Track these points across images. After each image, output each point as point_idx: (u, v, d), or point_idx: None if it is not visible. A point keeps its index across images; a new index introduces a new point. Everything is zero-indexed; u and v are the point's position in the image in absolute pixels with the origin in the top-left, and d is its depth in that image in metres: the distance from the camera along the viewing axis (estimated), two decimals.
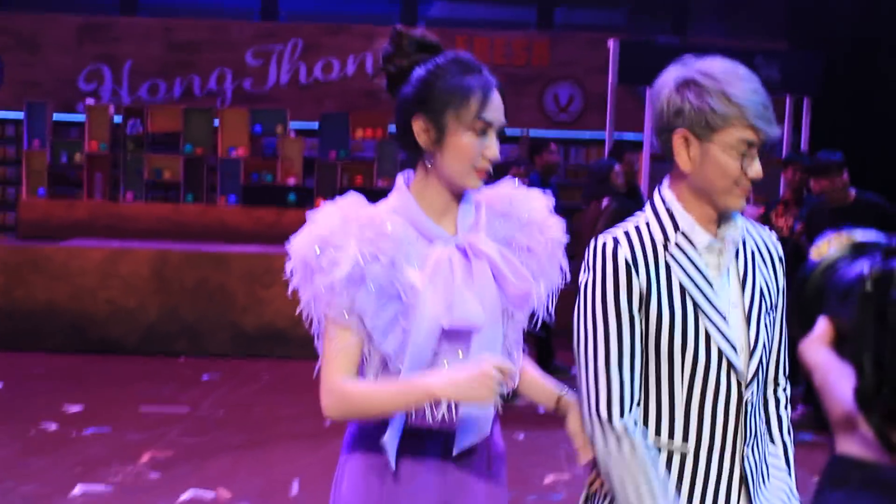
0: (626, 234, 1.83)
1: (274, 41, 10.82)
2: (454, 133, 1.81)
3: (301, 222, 1.91)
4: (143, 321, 7.64)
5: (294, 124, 10.09)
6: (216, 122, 10.35)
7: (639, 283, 1.80)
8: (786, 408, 2.01)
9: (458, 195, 1.87)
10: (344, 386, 1.81)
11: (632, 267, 1.81)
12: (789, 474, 1.97)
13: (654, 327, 1.82)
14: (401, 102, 1.85)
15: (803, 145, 8.82)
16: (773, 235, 1.95)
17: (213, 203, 10.28)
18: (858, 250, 1.69)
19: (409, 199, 1.86)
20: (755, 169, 1.75)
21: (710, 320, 1.80)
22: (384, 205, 1.88)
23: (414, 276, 1.83)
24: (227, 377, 7.12)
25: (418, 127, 1.81)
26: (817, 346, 1.64)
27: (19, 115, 10.34)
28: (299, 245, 1.81)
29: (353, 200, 1.85)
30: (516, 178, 2.11)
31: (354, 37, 10.30)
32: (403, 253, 1.84)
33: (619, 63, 8.43)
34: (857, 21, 9.91)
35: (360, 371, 1.87)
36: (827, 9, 9.88)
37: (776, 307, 1.91)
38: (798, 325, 1.79)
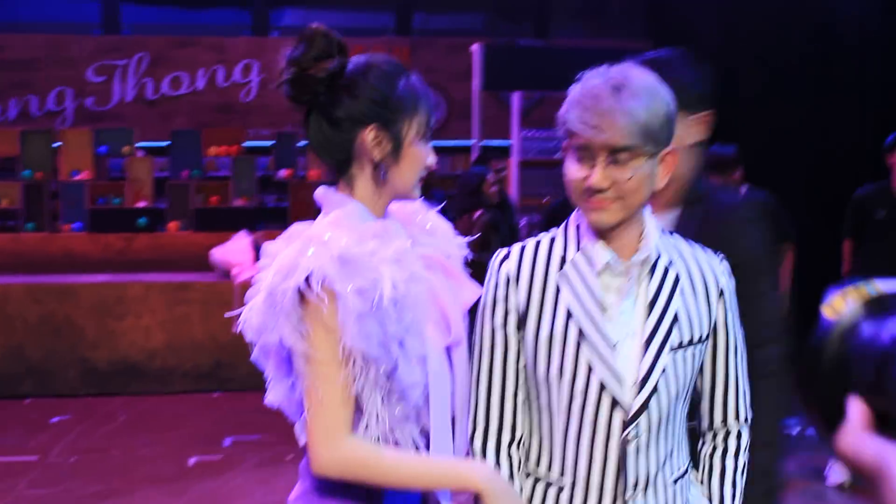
0: (523, 247, 1.81)
1: (117, 56, 10.61)
2: (411, 143, 1.76)
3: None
4: None
5: (142, 143, 9.86)
6: (56, 144, 10.04)
7: (516, 300, 1.77)
8: (735, 458, 1.88)
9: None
10: (357, 447, 1.66)
11: (511, 283, 1.78)
12: None
13: (531, 350, 1.78)
14: (339, 113, 1.72)
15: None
16: (725, 264, 1.84)
17: (57, 231, 9.88)
18: (883, 305, 1.41)
19: (360, 208, 1.74)
20: (591, 178, 1.67)
21: (594, 348, 1.73)
22: (345, 216, 1.73)
23: (422, 291, 1.73)
24: (79, 419, 6.93)
25: (370, 139, 1.70)
26: (859, 434, 1.34)
27: None
28: (318, 264, 1.59)
29: (352, 209, 1.71)
30: None
31: (204, 49, 10.13)
32: (412, 269, 1.74)
33: (483, 68, 8.37)
34: (721, 18, 10.14)
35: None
36: (689, 7, 10.13)
37: (702, 341, 1.80)
38: (816, 408, 1.48)
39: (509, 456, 1.82)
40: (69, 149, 9.92)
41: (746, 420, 1.88)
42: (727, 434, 1.89)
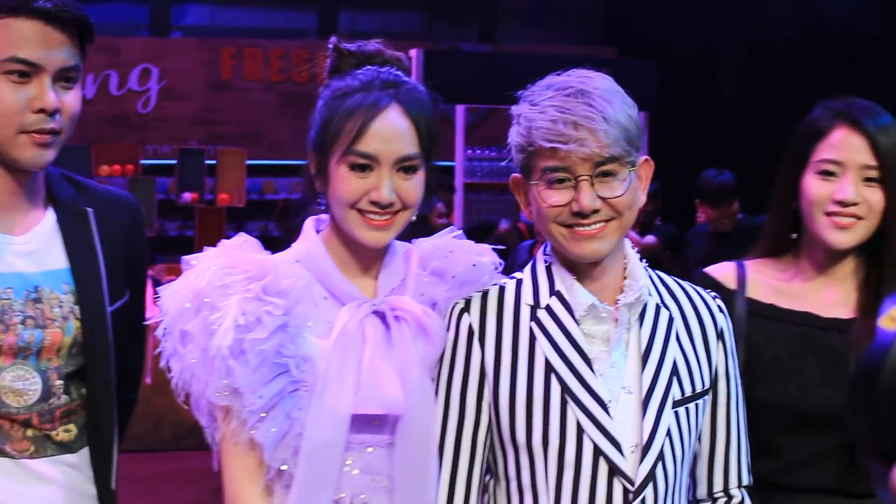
0: (485, 294, 1.71)
1: None
2: (329, 168, 1.72)
3: None
4: None
5: None
6: None
7: (481, 357, 1.68)
8: None
9: (377, 250, 1.75)
10: None
11: (475, 336, 1.70)
12: None
13: (507, 416, 1.67)
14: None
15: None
16: (717, 300, 1.79)
17: None
18: None
19: (319, 248, 1.71)
20: (578, 202, 1.64)
21: (582, 408, 1.63)
22: (286, 253, 1.75)
23: (314, 346, 1.69)
24: None
25: (311, 164, 1.77)
26: None
27: None
28: (169, 302, 1.65)
29: (241, 244, 1.71)
30: None
31: (94, 51, 8.81)
32: (303, 315, 1.69)
33: (423, 75, 7.60)
34: (686, 27, 10.00)
35: None
36: (650, 13, 9.89)
37: (705, 393, 1.74)
38: (869, 434, 1.54)
39: None
40: None
41: (750, 485, 1.83)
42: (731, 500, 1.82)
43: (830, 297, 1.98)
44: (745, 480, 1.78)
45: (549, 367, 1.62)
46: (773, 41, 9.50)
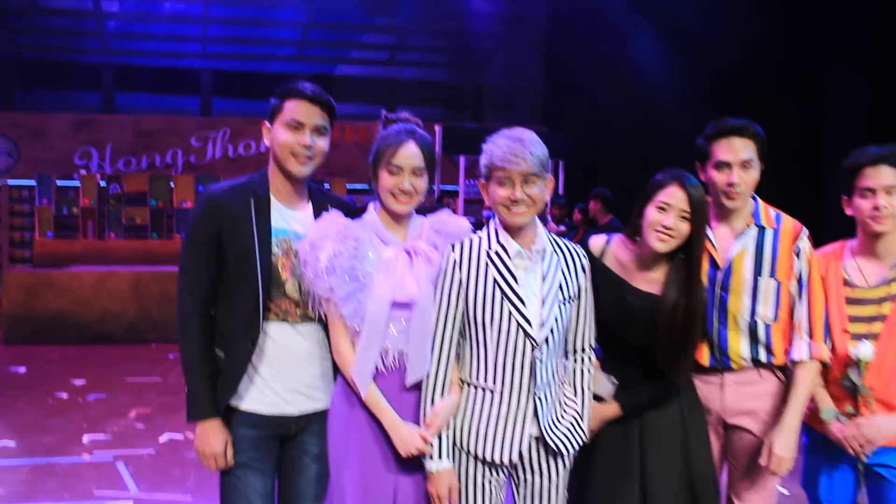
0: (462, 243, 2.37)
1: (211, 129, 14.03)
2: (378, 173, 2.39)
3: None
4: (124, 320, 9.48)
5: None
6: (172, 184, 13.43)
7: (460, 276, 2.34)
8: (585, 370, 2.51)
9: (406, 216, 2.41)
10: (347, 355, 2.38)
11: (458, 265, 2.35)
12: (582, 415, 2.47)
13: (472, 306, 2.34)
14: None
15: (560, 191, 11.35)
16: (583, 256, 2.45)
17: (171, 238, 13.12)
18: None
19: (375, 217, 2.42)
20: (512, 194, 2.26)
21: (512, 303, 2.32)
22: (360, 219, 2.44)
23: (371, 265, 2.36)
24: None
25: (372, 175, 2.41)
26: None
27: (32, 182, 13.31)
28: (300, 245, 2.40)
29: (334, 215, 2.42)
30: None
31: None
32: (365, 250, 2.37)
33: (442, 140, 11.04)
34: (584, 108, 12.35)
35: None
36: (572, 99, 12.59)
37: (574, 299, 2.42)
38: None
39: (448, 368, 2.34)
40: (179, 187, 13.33)
41: (591, 347, 2.50)
42: (581, 354, 2.53)
43: (644, 276, 2.55)
44: (590, 346, 2.48)
45: (495, 282, 2.29)
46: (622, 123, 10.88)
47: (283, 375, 2.47)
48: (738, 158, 2.63)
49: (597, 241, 2.66)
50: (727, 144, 2.65)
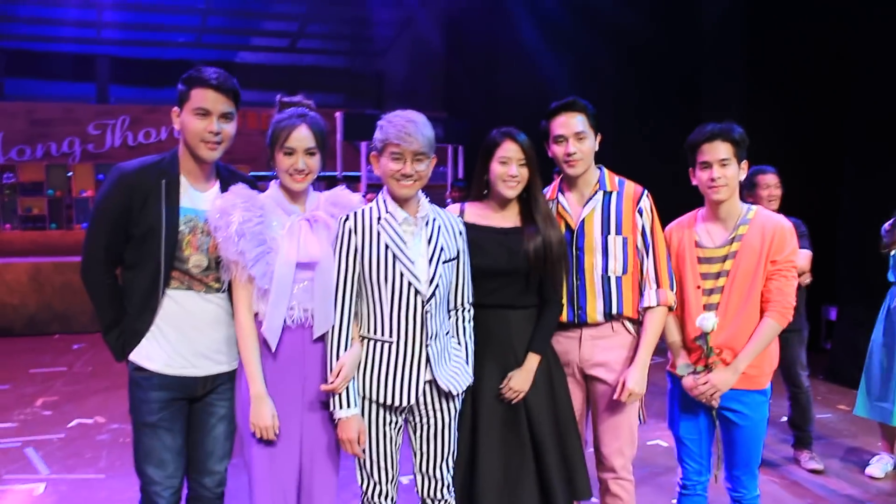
0: (356, 213, 2.62)
1: (109, 117, 13.77)
2: (275, 155, 2.61)
3: None
4: (25, 313, 9.40)
5: None
6: (70, 173, 13.21)
7: (355, 241, 2.59)
8: (466, 322, 2.82)
9: (303, 191, 2.63)
10: (243, 321, 2.62)
11: (353, 231, 2.60)
12: (467, 361, 2.79)
13: (367, 268, 2.59)
14: None
15: (460, 175, 11.67)
16: (457, 218, 2.80)
17: (71, 228, 13.00)
18: None
19: (276, 191, 2.66)
20: (403, 169, 2.53)
21: (403, 263, 2.59)
22: (263, 192, 2.66)
23: (278, 232, 2.57)
24: (91, 346, 8.58)
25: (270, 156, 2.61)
26: None
27: None
28: (210, 213, 2.59)
29: (240, 187, 2.62)
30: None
31: (165, 114, 11.26)
32: (270, 219, 2.58)
33: (343, 127, 11.17)
34: (483, 95, 12.57)
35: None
36: (470, 87, 12.93)
37: (454, 259, 2.71)
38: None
39: (349, 324, 2.58)
40: (78, 176, 13.10)
41: (469, 302, 2.82)
42: (463, 309, 2.83)
43: (503, 218, 2.91)
44: (468, 301, 2.81)
45: (386, 246, 2.56)
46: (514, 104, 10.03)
47: (188, 340, 2.66)
48: (571, 131, 2.96)
49: (454, 209, 2.97)
50: (561, 120, 2.98)
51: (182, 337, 2.66)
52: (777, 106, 7.99)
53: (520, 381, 2.88)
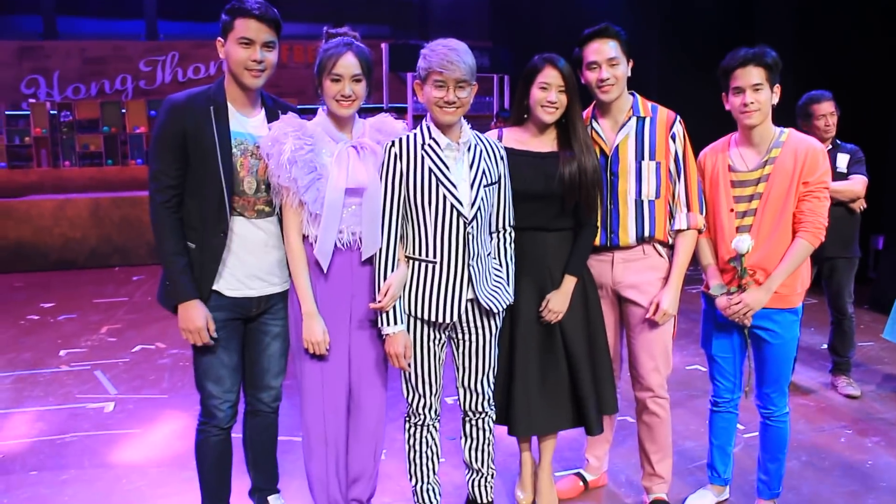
0: (401, 139, 2.71)
1: (159, 54, 14.01)
2: (323, 82, 2.68)
3: None
4: (86, 246, 9.57)
5: None
6: (123, 110, 13.44)
7: (401, 167, 2.68)
8: (508, 245, 2.91)
9: (350, 118, 2.71)
10: (294, 244, 2.72)
11: (398, 157, 2.69)
12: (508, 281, 2.88)
13: (412, 192, 2.68)
14: None
15: (506, 105, 11.43)
16: (499, 144, 2.87)
17: (126, 165, 13.36)
18: None
19: (325, 118, 2.73)
20: (447, 96, 2.60)
21: (446, 187, 2.68)
22: (312, 121, 2.72)
23: (326, 159, 2.64)
24: (150, 277, 8.95)
25: (317, 82, 2.68)
26: None
27: None
28: (263, 141, 2.68)
29: (291, 117, 2.70)
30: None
31: (213, 49, 12.86)
32: (320, 147, 2.66)
33: (389, 58, 11.22)
34: (528, 23, 12.48)
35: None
36: (516, 16, 12.89)
37: (496, 183, 2.80)
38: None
39: (395, 246, 2.69)
40: (131, 113, 13.36)
41: (511, 225, 2.90)
42: (504, 231, 2.90)
43: (541, 143, 2.96)
44: (510, 224, 2.90)
45: (430, 170, 2.65)
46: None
47: (243, 263, 2.76)
48: (604, 57, 2.98)
49: (492, 134, 3.02)
50: (593, 47, 3.00)
51: (237, 261, 2.75)
52: (832, 29, 7.81)
53: (558, 303, 2.99)
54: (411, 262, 2.76)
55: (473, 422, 3.05)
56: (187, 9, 14.56)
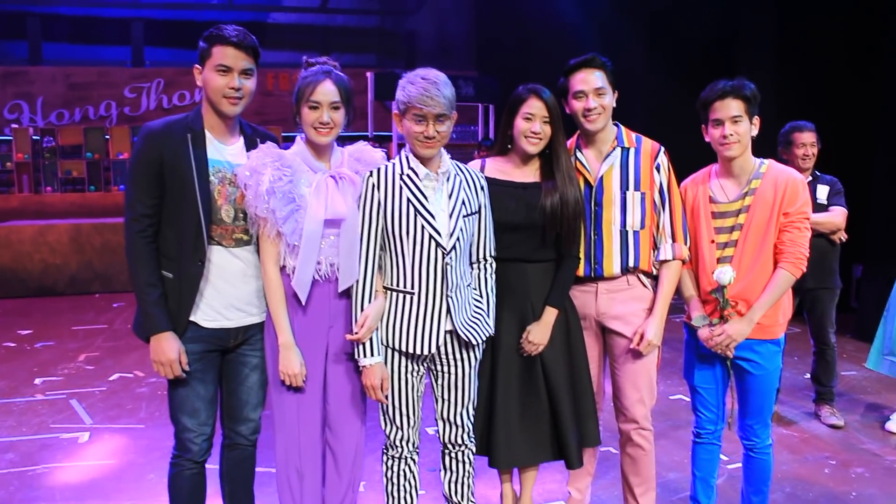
0: (379, 169, 2.69)
1: (144, 80, 14.02)
2: (301, 110, 2.67)
3: None
4: (67, 272, 9.52)
5: None
6: (107, 136, 13.40)
7: (379, 197, 2.68)
8: (489, 276, 2.91)
9: (328, 147, 2.70)
10: (271, 275, 2.71)
11: (376, 187, 2.69)
12: (488, 312, 2.88)
13: (390, 222, 2.66)
14: None
15: (491, 134, 11.84)
16: (479, 173, 2.87)
17: (109, 191, 13.25)
18: None
19: (303, 147, 2.73)
20: (426, 131, 2.59)
21: (424, 217, 2.66)
22: (290, 150, 2.71)
23: (305, 189, 2.64)
24: (130, 304, 8.63)
25: (295, 110, 2.69)
26: None
27: None
28: (240, 171, 2.66)
29: (269, 146, 2.70)
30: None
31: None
32: (298, 177, 2.64)
33: (375, 87, 11.44)
34: (514, 53, 12.63)
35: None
36: (501, 46, 13.10)
37: (475, 213, 2.79)
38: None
39: (373, 277, 2.69)
40: (115, 139, 13.28)
41: (491, 256, 2.88)
42: (485, 262, 2.90)
43: (524, 173, 2.97)
44: (490, 255, 2.89)
45: (409, 200, 2.65)
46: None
47: (220, 294, 2.73)
48: (591, 87, 2.99)
49: (475, 164, 3.02)
50: (580, 76, 3.00)
51: (215, 291, 2.72)
52: (811, 61, 7.90)
53: (538, 335, 2.97)
54: (389, 292, 2.75)
55: (453, 454, 3.02)
56: (173, 35, 14.61)
